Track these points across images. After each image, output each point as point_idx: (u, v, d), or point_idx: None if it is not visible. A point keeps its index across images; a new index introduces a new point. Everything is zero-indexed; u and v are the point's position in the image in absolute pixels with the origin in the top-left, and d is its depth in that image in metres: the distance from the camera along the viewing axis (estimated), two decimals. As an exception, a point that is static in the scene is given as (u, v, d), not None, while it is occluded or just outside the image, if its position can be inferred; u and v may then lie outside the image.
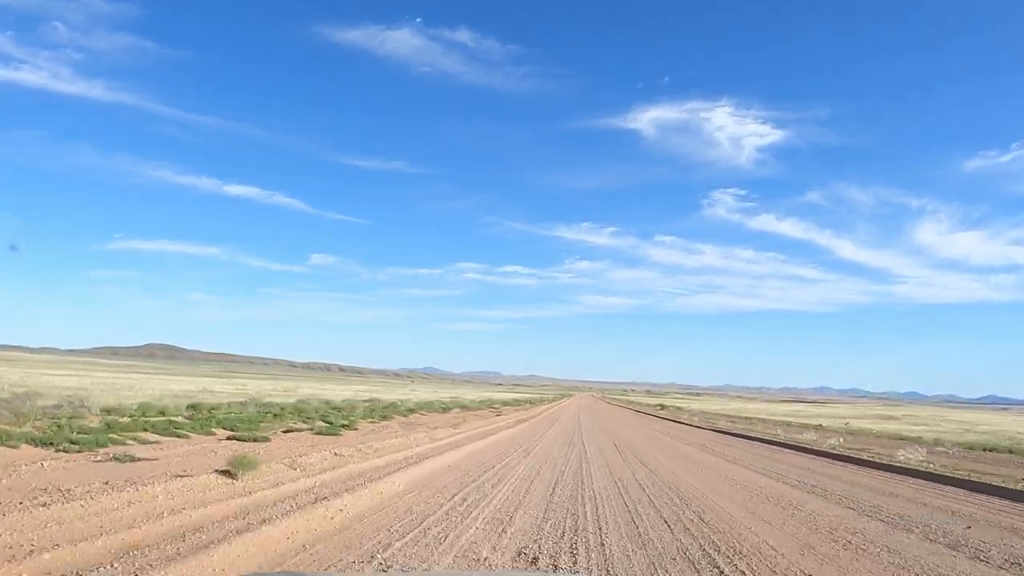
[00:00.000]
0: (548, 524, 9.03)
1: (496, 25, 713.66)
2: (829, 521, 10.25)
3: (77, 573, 5.40)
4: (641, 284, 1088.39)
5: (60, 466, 8.77)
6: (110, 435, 11.76)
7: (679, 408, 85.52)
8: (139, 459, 9.71)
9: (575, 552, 7.52)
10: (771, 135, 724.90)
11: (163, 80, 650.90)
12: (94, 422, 13.66)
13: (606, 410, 76.43)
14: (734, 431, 37.20)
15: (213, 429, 15.07)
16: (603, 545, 7.93)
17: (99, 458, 9.60)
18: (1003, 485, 14.43)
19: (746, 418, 57.51)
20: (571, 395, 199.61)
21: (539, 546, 7.71)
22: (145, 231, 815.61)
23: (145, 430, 13.23)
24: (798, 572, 7.08)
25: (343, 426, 18.96)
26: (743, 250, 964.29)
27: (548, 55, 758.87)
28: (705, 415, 63.51)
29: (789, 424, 46.83)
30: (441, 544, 7.55)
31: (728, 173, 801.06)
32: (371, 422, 22.48)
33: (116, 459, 9.55)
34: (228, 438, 13.69)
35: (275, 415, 20.06)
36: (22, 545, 5.70)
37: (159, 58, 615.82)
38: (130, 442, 11.74)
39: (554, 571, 6.58)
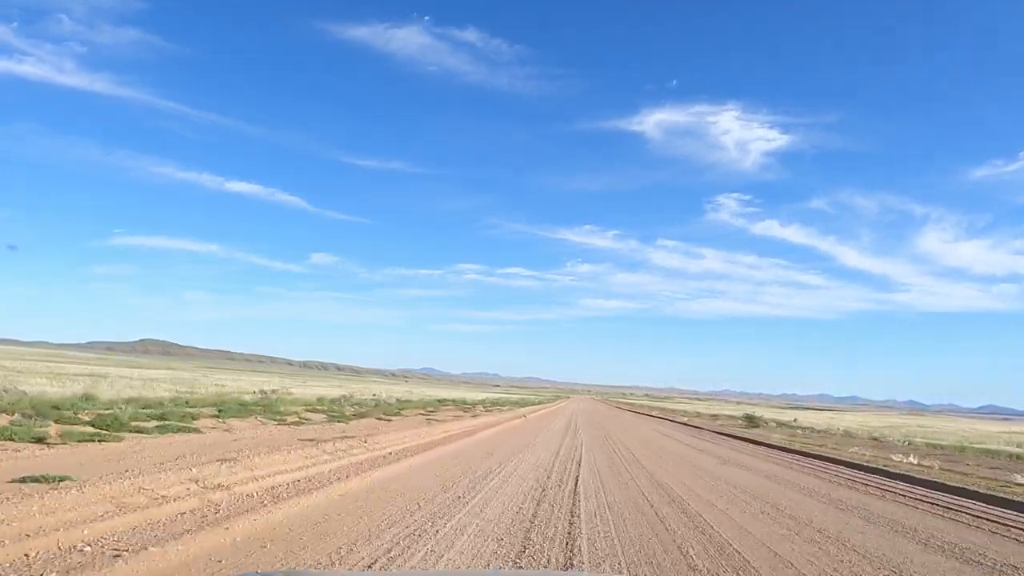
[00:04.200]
0: None
1: (504, 25, 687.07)
2: None
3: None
4: (642, 288, 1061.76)
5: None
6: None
7: (775, 422, 51.19)
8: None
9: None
10: (777, 140, 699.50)
11: (166, 75, 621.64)
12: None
13: (641, 437, 28.71)
14: None
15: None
16: None
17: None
18: None
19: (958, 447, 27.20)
20: (568, 397, 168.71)
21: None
22: (145, 227, 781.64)
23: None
24: None
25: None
26: (745, 255, 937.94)
27: (555, 56, 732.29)
28: (923, 444, 32.44)
29: None
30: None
31: (732, 177, 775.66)
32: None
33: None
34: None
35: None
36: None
37: (163, 53, 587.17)
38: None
39: (554, 571, 5.93)
